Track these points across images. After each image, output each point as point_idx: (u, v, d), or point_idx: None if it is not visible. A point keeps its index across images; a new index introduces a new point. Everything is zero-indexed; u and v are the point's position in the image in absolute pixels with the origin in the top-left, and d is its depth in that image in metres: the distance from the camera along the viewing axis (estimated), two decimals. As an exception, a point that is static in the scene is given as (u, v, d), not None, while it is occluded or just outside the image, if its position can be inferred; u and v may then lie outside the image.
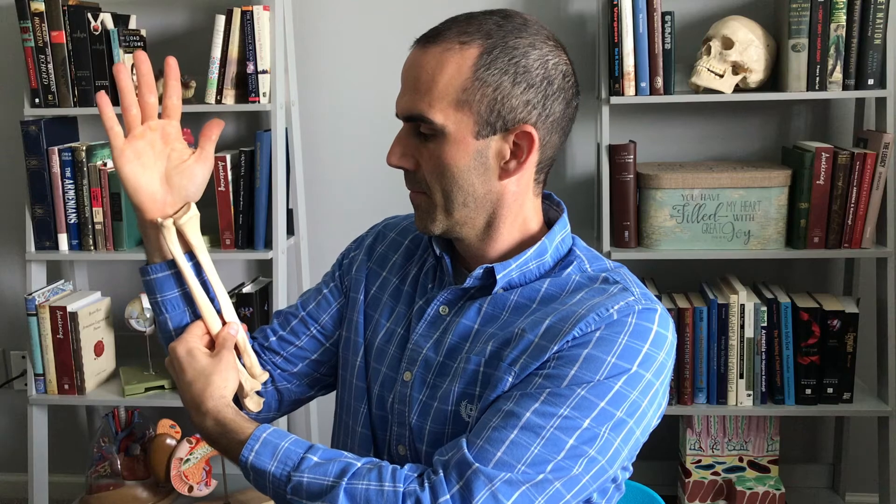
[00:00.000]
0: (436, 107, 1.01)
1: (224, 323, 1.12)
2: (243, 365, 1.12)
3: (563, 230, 1.11)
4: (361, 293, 1.20)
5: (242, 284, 2.32)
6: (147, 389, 2.30)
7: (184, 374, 1.06)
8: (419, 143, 1.05)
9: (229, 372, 1.07)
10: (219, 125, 1.11)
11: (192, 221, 1.08)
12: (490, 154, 1.04)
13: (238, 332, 1.11)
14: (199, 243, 1.09)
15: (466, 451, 0.95)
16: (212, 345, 1.10)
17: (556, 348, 0.99)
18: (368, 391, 1.15)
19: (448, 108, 1.01)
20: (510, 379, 1.00)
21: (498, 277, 1.07)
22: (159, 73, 2.24)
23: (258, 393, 1.16)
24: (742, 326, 2.14)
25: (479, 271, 1.08)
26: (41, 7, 2.17)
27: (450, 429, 1.05)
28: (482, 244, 1.09)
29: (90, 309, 2.30)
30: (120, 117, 1.08)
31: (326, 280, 1.26)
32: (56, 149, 2.23)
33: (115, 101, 2.54)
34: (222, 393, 1.05)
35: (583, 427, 0.95)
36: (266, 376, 1.14)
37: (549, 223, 1.14)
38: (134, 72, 1.08)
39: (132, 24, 2.33)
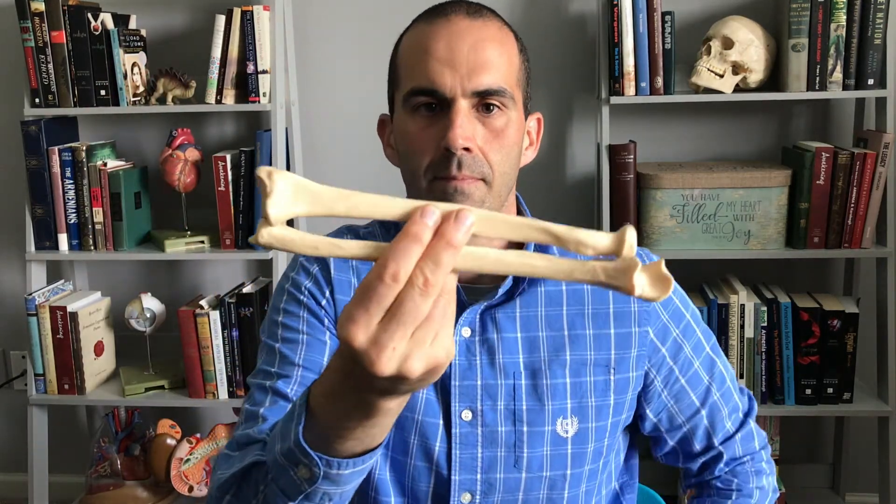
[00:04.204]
0: (509, 81, 0.97)
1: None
2: None
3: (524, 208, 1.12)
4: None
5: (242, 284, 2.32)
6: (147, 389, 2.30)
7: None
8: (479, 119, 0.96)
9: None
10: None
11: None
12: (524, 134, 1.05)
13: None
14: None
15: (722, 443, 1.11)
16: None
17: (651, 331, 1.05)
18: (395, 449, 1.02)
19: (514, 84, 0.98)
20: (614, 377, 1.03)
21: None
22: (159, 73, 2.25)
23: None
24: (742, 326, 2.14)
25: (509, 278, 1.01)
26: (41, 7, 2.17)
27: (548, 449, 1.00)
28: None
29: (90, 309, 2.30)
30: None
31: (301, 319, 1.03)
32: (56, 149, 2.23)
33: (115, 101, 2.52)
34: None
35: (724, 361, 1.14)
36: None
37: None
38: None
39: (132, 24, 2.33)
